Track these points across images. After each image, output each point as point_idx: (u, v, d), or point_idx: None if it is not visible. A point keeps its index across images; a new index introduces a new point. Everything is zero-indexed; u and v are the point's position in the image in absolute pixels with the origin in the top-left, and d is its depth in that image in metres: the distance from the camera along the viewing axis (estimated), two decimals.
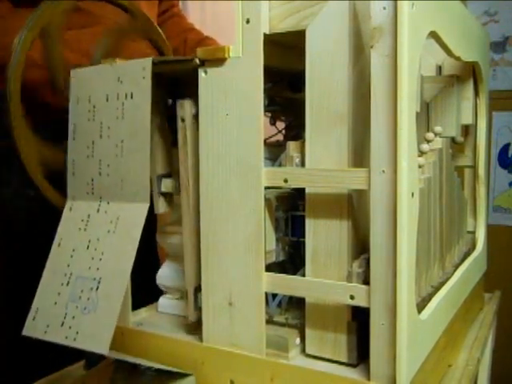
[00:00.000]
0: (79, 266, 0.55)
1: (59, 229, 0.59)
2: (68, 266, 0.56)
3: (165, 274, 0.74)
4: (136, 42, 0.91)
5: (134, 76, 0.55)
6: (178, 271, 0.72)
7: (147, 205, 0.54)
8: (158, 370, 0.59)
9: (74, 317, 0.53)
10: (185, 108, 0.61)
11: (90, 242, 0.56)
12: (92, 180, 0.57)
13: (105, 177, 0.57)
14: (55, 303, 0.55)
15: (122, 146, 0.55)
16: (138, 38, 0.85)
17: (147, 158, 0.54)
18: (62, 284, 0.56)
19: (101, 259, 0.54)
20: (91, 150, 0.57)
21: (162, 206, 0.68)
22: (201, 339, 0.61)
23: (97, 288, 0.53)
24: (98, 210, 0.57)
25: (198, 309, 0.63)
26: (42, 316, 0.57)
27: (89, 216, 0.57)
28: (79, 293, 0.54)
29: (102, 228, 0.56)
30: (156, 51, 0.89)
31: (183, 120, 0.61)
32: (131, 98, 0.55)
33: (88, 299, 0.53)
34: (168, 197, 0.68)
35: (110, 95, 0.56)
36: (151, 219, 0.77)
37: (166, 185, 0.66)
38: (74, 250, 0.56)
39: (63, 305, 0.55)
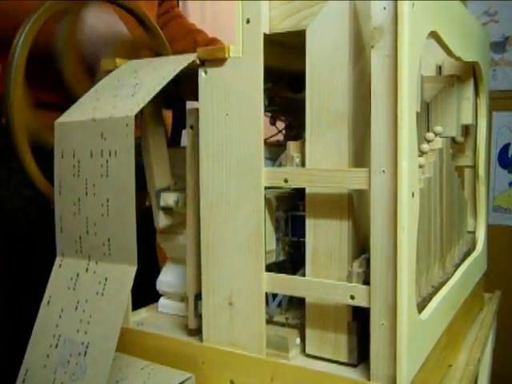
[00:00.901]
0: (67, 328, 0.54)
1: (49, 285, 0.57)
2: (57, 326, 0.55)
3: (165, 279, 0.74)
4: (130, 30, 0.91)
5: (117, 133, 0.52)
6: (179, 277, 0.72)
7: (135, 268, 0.52)
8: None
9: (62, 383, 0.53)
10: (194, 116, 0.61)
11: (78, 302, 0.54)
12: (80, 238, 0.55)
13: (92, 236, 0.54)
14: (44, 366, 0.54)
15: (107, 205, 0.53)
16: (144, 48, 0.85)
17: (133, 218, 0.51)
18: (51, 346, 0.54)
19: (89, 322, 0.53)
20: (77, 207, 0.55)
21: (162, 220, 0.68)
22: (201, 339, 0.61)
23: (85, 353, 0.52)
24: (87, 270, 0.55)
25: (199, 316, 0.63)
26: (31, 379, 0.56)
27: (78, 275, 0.55)
28: (68, 357, 0.52)
29: (90, 289, 0.54)
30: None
31: (192, 128, 0.61)
32: (115, 155, 0.52)
33: (76, 364, 0.52)
34: (168, 210, 0.68)
35: (94, 151, 0.53)
36: (151, 219, 0.77)
37: (165, 199, 0.66)
38: (62, 310, 0.55)
39: (52, 369, 0.53)
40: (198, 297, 0.62)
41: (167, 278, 0.74)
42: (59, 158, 0.57)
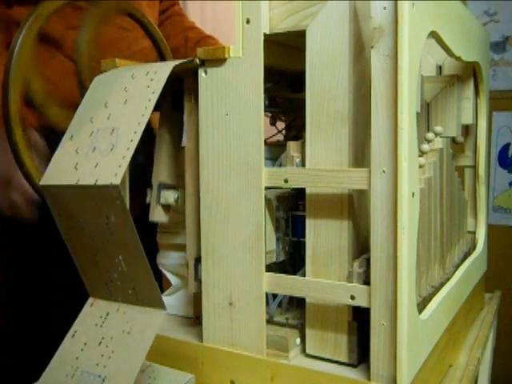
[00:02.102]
0: (87, 361, 0.55)
1: (77, 321, 0.58)
2: (77, 358, 0.55)
3: (165, 254, 0.75)
4: (131, 31, 0.91)
5: (106, 199, 0.51)
6: (177, 253, 0.73)
7: (164, 311, 0.53)
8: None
9: None
10: (192, 79, 0.60)
11: (103, 338, 0.55)
12: (106, 284, 0.56)
13: (116, 284, 0.55)
14: None
15: (121, 261, 0.54)
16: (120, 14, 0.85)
17: (148, 269, 0.52)
18: (67, 375, 0.54)
19: (110, 357, 0.53)
20: (95, 260, 0.56)
21: (158, 215, 0.67)
22: (201, 339, 0.61)
23: None
24: (118, 310, 0.56)
25: (198, 280, 0.63)
26: None
27: (107, 314, 0.56)
28: None
29: (117, 327, 0.55)
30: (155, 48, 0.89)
31: (190, 92, 0.61)
32: (113, 218, 0.51)
33: None
34: (165, 207, 0.68)
35: (92, 214, 0.53)
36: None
37: (166, 197, 0.66)
38: (85, 344, 0.56)
39: None
40: (198, 260, 0.62)
41: (166, 253, 0.75)
42: (58, 218, 0.56)
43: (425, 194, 0.60)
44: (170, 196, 0.67)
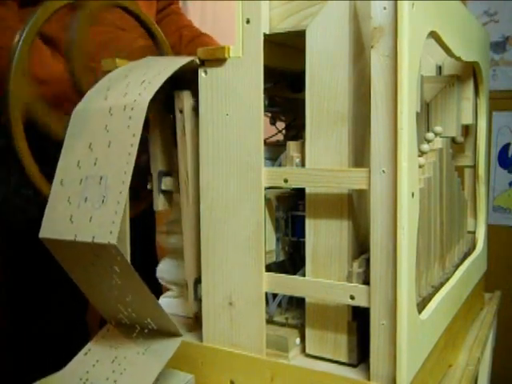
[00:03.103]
0: (98, 375, 0.56)
1: (91, 342, 0.60)
2: (87, 372, 0.57)
3: (165, 268, 0.75)
4: (128, 30, 0.91)
5: (107, 254, 0.52)
6: (178, 266, 0.72)
7: (180, 338, 0.56)
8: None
9: None
10: (183, 99, 0.60)
11: (116, 357, 0.56)
12: (122, 313, 0.58)
13: (132, 314, 0.57)
14: None
15: (130, 301, 0.56)
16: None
17: (158, 306, 0.55)
18: None
19: (121, 373, 0.55)
20: (107, 297, 0.57)
21: (161, 204, 0.68)
22: (201, 339, 0.61)
23: None
24: (134, 335, 0.58)
25: (198, 300, 0.63)
26: None
27: (124, 338, 0.58)
28: None
29: (133, 349, 0.57)
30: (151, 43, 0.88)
31: (181, 111, 0.61)
32: (116, 268, 0.53)
33: None
34: (168, 195, 0.68)
35: (95, 261, 0.54)
36: (150, 218, 0.77)
37: (166, 183, 0.66)
38: (97, 361, 0.57)
39: None
40: (198, 281, 0.62)
41: (167, 267, 0.74)
42: (62, 262, 0.58)
43: (424, 194, 0.60)
44: (169, 182, 0.67)
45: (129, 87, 0.57)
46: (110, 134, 0.56)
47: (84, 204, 0.54)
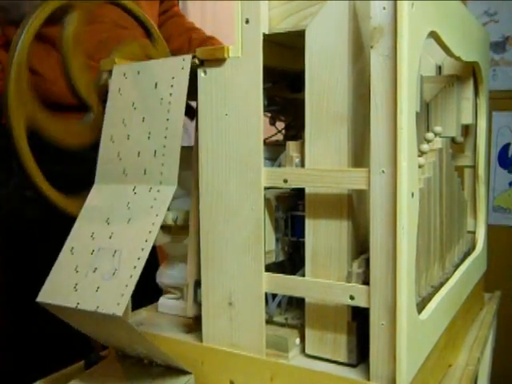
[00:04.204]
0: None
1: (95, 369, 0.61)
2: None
3: (165, 272, 0.75)
4: (128, 29, 0.91)
5: (111, 322, 0.52)
6: (178, 270, 0.73)
7: (192, 376, 0.58)
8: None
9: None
10: None
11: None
12: (128, 351, 0.61)
13: (139, 355, 0.60)
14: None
15: (138, 348, 0.58)
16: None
17: (166, 355, 0.57)
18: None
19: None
20: (113, 340, 0.60)
21: (158, 238, 0.67)
22: (201, 339, 0.61)
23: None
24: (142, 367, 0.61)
25: (198, 304, 0.63)
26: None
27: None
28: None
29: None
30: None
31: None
32: (123, 333, 0.54)
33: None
34: (165, 229, 0.68)
35: (98, 325, 0.55)
36: None
37: (165, 218, 0.66)
38: None
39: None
40: (198, 284, 0.62)
41: (167, 271, 0.74)
42: (66, 320, 0.58)
43: (424, 194, 0.60)
44: (168, 217, 0.67)
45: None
46: (131, 212, 0.57)
47: (92, 274, 0.54)
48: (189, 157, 0.64)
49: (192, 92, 0.60)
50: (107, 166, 0.62)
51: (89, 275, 0.54)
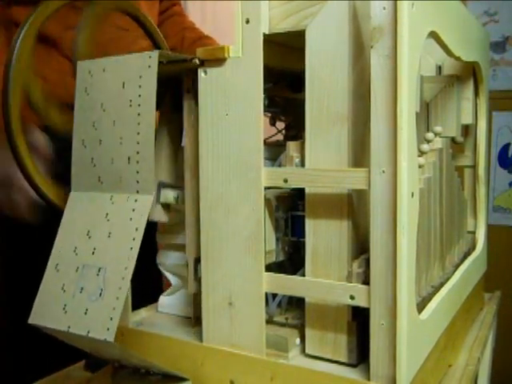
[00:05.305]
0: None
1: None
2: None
3: (164, 254, 0.75)
4: (130, 31, 0.91)
5: (103, 344, 0.52)
6: (177, 252, 0.73)
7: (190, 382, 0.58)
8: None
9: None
10: (191, 78, 0.61)
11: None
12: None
13: (136, 366, 0.61)
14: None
15: (134, 360, 0.59)
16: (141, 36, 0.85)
17: (163, 368, 0.57)
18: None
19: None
20: (107, 355, 0.60)
21: (157, 214, 0.67)
22: (201, 339, 0.61)
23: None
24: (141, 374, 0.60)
25: (198, 280, 0.63)
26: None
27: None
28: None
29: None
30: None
31: (189, 91, 0.61)
32: (117, 351, 0.54)
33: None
34: (166, 206, 0.68)
35: (92, 345, 0.55)
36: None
37: (166, 195, 0.66)
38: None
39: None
40: (198, 260, 0.62)
41: (166, 252, 0.75)
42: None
43: (424, 194, 0.60)
44: (170, 195, 0.67)
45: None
46: (110, 224, 0.55)
47: (79, 294, 0.53)
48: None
49: (192, 91, 0.60)
50: (82, 173, 0.60)
51: (76, 295, 0.54)
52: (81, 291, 0.53)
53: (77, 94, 0.61)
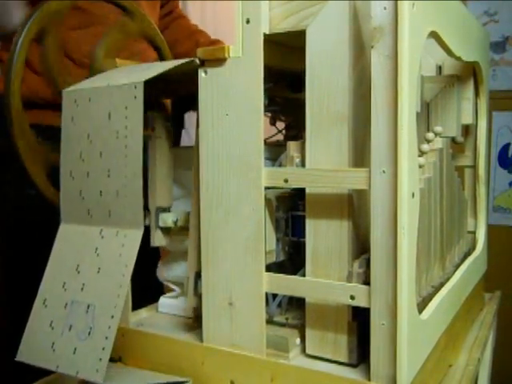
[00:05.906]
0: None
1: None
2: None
3: (164, 267, 0.75)
4: (137, 41, 0.91)
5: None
6: (177, 263, 0.73)
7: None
8: None
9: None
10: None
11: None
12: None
13: None
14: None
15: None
16: (138, 37, 0.85)
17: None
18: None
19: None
20: None
21: (157, 240, 0.68)
22: (201, 339, 0.61)
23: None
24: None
25: (198, 295, 0.63)
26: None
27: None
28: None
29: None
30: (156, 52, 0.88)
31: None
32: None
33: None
34: (165, 231, 0.68)
35: None
36: None
37: (164, 219, 0.67)
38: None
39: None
40: (198, 275, 0.62)
41: (166, 265, 0.75)
42: None
43: (424, 194, 0.60)
44: (168, 219, 0.67)
45: None
46: (99, 259, 0.55)
47: (68, 332, 0.53)
48: (189, 156, 0.64)
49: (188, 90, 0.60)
50: (71, 205, 0.59)
51: (65, 333, 0.53)
52: (70, 329, 0.53)
53: (63, 123, 0.60)
